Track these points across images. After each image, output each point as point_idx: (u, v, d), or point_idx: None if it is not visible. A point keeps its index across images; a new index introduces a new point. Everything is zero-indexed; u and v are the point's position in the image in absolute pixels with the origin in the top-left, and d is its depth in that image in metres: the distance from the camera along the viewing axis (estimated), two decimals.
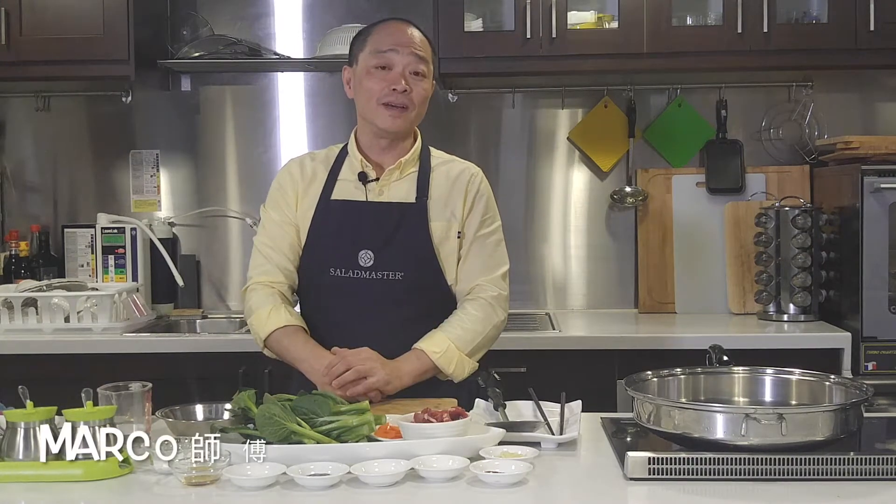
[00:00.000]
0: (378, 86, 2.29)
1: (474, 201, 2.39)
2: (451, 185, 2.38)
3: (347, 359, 2.17)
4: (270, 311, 2.31)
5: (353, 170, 2.37)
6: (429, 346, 2.26)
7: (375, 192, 2.35)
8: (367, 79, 2.31)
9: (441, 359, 2.25)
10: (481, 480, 1.73)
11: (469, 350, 2.30)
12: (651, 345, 3.18)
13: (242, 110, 3.86)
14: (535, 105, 3.81)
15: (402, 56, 2.29)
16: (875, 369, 3.14)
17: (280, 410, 1.85)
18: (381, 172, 2.37)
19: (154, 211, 3.87)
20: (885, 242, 3.15)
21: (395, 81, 2.28)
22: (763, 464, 1.73)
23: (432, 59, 2.37)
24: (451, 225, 2.35)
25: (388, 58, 2.29)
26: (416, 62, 2.30)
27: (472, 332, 2.30)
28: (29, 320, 3.33)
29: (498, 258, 2.41)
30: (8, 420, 1.85)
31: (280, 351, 2.32)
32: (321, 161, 2.43)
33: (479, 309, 2.34)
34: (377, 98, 2.29)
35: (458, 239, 2.36)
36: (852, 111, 3.76)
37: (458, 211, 2.36)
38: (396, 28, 2.34)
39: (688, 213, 3.70)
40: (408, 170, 2.37)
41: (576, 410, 2.09)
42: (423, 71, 2.32)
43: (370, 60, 2.31)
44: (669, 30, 3.39)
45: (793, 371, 2.09)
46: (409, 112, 2.31)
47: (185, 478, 1.74)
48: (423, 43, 2.34)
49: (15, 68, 3.48)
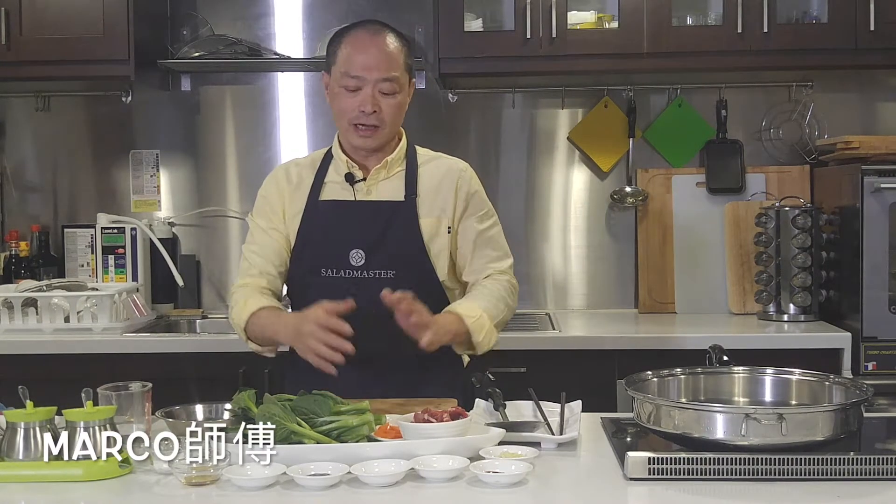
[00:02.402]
0: (348, 106, 2.31)
1: (468, 200, 2.40)
2: (440, 182, 2.39)
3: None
4: (247, 301, 2.33)
5: (340, 171, 2.39)
6: (465, 311, 2.27)
7: (363, 191, 2.37)
8: (338, 97, 2.33)
9: (475, 324, 2.26)
10: (481, 480, 1.73)
11: (495, 322, 2.32)
12: (651, 345, 3.18)
13: (242, 110, 3.86)
14: (535, 105, 3.81)
15: (371, 79, 2.29)
16: (875, 369, 3.14)
17: (280, 410, 1.85)
18: (367, 173, 2.38)
19: (154, 211, 3.87)
20: (885, 242, 3.14)
21: (363, 104, 2.29)
22: (763, 464, 1.73)
23: (408, 63, 2.35)
24: (440, 221, 2.37)
25: (356, 82, 2.30)
26: (385, 83, 2.30)
27: (497, 307, 2.33)
28: (29, 320, 3.33)
29: (501, 250, 2.44)
30: (8, 420, 1.85)
31: (259, 330, 2.31)
32: (306, 166, 2.44)
33: (501, 287, 2.38)
34: (348, 118, 2.32)
35: (449, 234, 2.37)
36: (852, 111, 3.76)
37: (449, 207, 2.38)
38: (368, 44, 2.31)
39: (688, 213, 3.70)
40: (394, 168, 2.39)
41: (576, 410, 2.09)
42: (395, 87, 2.31)
43: (340, 80, 2.32)
44: (669, 30, 3.39)
45: (793, 371, 2.09)
46: (381, 130, 2.33)
47: (184, 478, 1.74)
48: (397, 53, 2.32)
49: (15, 68, 3.48)
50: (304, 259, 2.37)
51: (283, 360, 3.16)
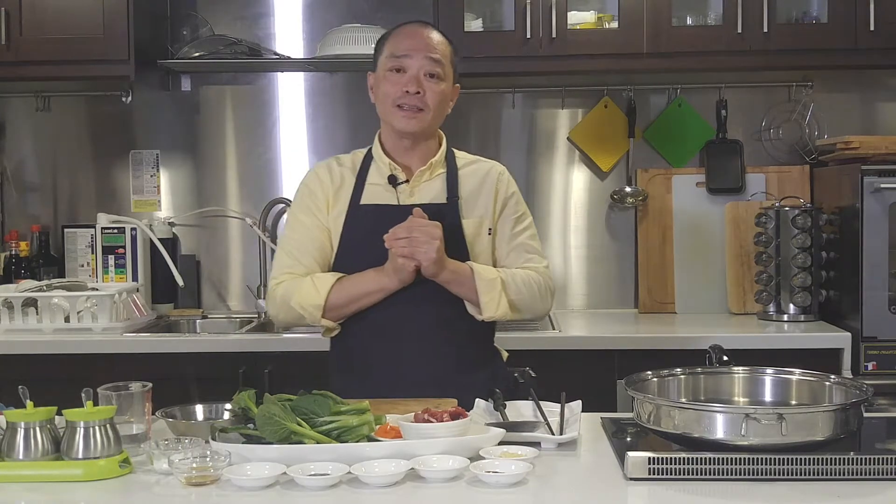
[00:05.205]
0: (393, 88, 2.33)
1: (506, 201, 2.45)
2: (481, 184, 2.43)
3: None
4: (313, 280, 2.32)
5: (382, 173, 2.40)
6: (479, 268, 2.30)
7: (406, 193, 2.39)
8: (383, 82, 2.36)
9: (481, 282, 2.28)
10: (481, 480, 1.73)
11: (511, 297, 2.33)
12: (651, 345, 3.18)
13: (242, 110, 3.86)
14: (535, 105, 3.81)
15: (417, 59, 2.33)
16: (875, 369, 3.14)
17: (280, 410, 1.85)
18: (409, 174, 2.40)
19: (154, 211, 3.87)
20: (885, 242, 3.14)
21: (408, 84, 2.32)
22: (763, 464, 1.73)
23: (452, 61, 2.40)
24: (482, 222, 2.41)
25: (402, 61, 2.33)
26: (430, 64, 2.33)
27: (518, 286, 2.34)
28: (29, 320, 3.33)
29: (536, 252, 2.47)
30: (8, 420, 1.85)
31: (346, 292, 2.31)
32: (348, 166, 2.45)
33: (530, 275, 2.39)
34: (392, 100, 2.34)
35: (489, 236, 2.41)
36: (852, 111, 3.76)
37: (489, 208, 2.41)
38: (414, 31, 2.38)
39: (688, 213, 3.71)
40: (437, 170, 2.42)
41: (576, 410, 2.09)
42: (439, 73, 2.35)
43: (387, 64, 2.36)
44: (669, 30, 3.39)
45: (793, 371, 2.09)
46: (425, 114, 2.34)
47: (185, 478, 1.74)
48: (442, 45, 2.37)
49: (15, 68, 3.48)
50: (348, 262, 2.37)
51: (284, 361, 3.17)
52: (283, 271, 2.38)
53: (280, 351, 3.19)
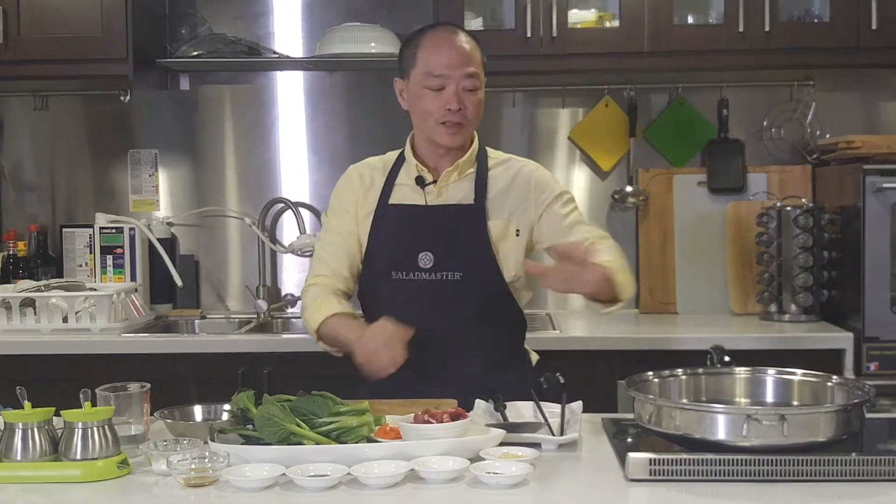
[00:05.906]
0: (433, 105, 2.34)
1: (545, 194, 2.42)
2: (510, 184, 2.43)
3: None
4: (321, 303, 2.35)
5: (410, 174, 2.42)
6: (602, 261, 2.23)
7: (434, 194, 2.40)
8: (421, 100, 2.35)
9: (619, 275, 2.23)
10: (481, 481, 1.72)
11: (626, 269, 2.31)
12: (652, 345, 3.17)
13: (241, 109, 3.85)
14: (536, 104, 3.81)
15: (455, 77, 2.33)
16: (877, 370, 3.13)
17: (279, 411, 1.84)
18: (438, 175, 2.41)
19: (153, 211, 3.86)
20: (887, 242, 3.14)
21: (449, 102, 2.32)
22: (764, 465, 1.72)
23: (483, 63, 2.40)
24: (509, 223, 2.40)
25: (440, 80, 2.33)
26: (469, 81, 2.34)
27: (618, 256, 2.32)
28: (27, 321, 3.32)
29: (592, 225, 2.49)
30: (6, 421, 1.84)
31: (333, 333, 2.32)
32: (378, 168, 2.47)
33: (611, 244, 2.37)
34: (434, 119, 2.34)
35: (517, 237, 2.40)
36: (854, 110, 3.75)
37: (519, 210, 2.40)
38: (446, 43, 2.35)
39: (689, 213, 3.70)
40: (466, 170, 2.42)
41: (576, 411, 2.08)
42: (476, 84, 2.36)
43: (423, 81, 2.34)
44: (671, 29, 3.38)
45: (794, 371, 2.09)
46: (466, 127, 2.36)
47: (183, 479, 1.74)
48: (474, 51, 2.37)
49: (13, 67, 3.47)
50: (375, 262, 2.40)
51: (283, 361, 3.17)
52: (314, 273, 2.45)
53: (279, 351, 3.19)
